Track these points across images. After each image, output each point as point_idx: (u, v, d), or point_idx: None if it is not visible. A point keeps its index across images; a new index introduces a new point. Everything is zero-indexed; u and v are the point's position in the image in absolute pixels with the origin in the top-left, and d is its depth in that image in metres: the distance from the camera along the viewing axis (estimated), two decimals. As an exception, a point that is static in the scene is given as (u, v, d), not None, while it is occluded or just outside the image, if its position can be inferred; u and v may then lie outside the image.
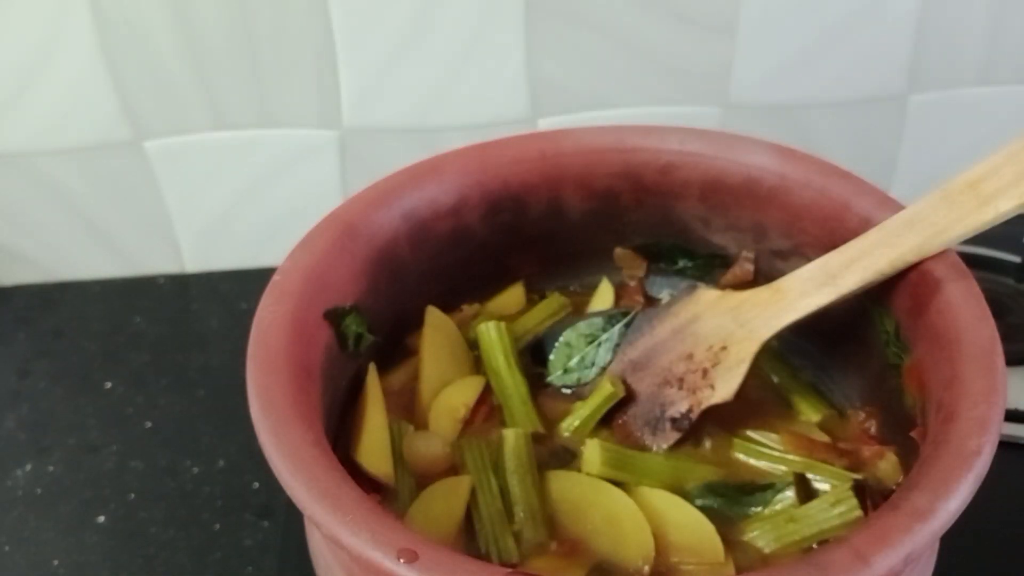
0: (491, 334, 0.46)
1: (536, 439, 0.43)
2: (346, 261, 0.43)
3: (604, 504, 0.40)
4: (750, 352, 0.42)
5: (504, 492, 0.41)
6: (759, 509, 0.41)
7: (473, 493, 0.41)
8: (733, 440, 0.43)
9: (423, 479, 0.41)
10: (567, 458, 0.43)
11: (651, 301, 0.50)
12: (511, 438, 0.42)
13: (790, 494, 0.40)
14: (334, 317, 0.41)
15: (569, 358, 0.47)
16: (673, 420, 0.43)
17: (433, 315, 0.47)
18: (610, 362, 0.46)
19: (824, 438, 0.43)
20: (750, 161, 0.46)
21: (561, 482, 0.41)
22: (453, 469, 0.42)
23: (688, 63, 0.65)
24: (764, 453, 0.43)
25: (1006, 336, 0.37)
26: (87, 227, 0.69)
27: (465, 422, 0.44)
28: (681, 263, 0.50)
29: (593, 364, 0.46)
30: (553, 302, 0.49)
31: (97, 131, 0.64)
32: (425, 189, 0.45)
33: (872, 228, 0.41)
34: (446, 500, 0.40)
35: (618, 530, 0.39)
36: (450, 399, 0.45)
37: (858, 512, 0.38)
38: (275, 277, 0.41)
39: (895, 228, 0.40)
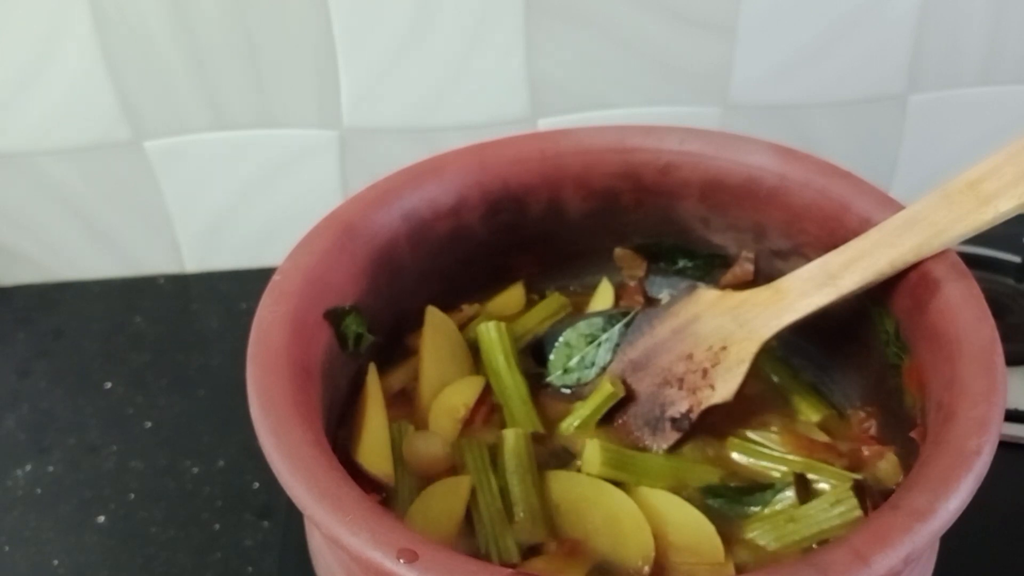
0: (491, 334, 0.46)
1: (536, 439, 0.43)
2: (346, 261, 0.43)
3: (604, 504, 0.40)
4: (750, 352, 0.42)
5: (504, 492, 0.41)
6: (759, 509, 0.41)
7: (473, 493, 0.41)
8: (733, 440, 0.43)
9: (423, 479, 0.41)
10: (567, 458, 0.43)
11: (651, 301, 0.50)
12: (511, 438, 0.42)
13: (790, 494, 0.40)
14: (334, 317, 0.41)
15: (569, 358, 0.47)
16: (673, 420, 0.43)
17: (433, 315, 0.47)
18: (610, 362, 0.46)
19: (824, 438, 0.43)
20: (750, 161, 0.46)
21: (561, 482, 0.41)
22: (453, 469, 0.42)
23: (688, 63, 0.65)
24: (764, 453, 0.43)
25: (1006, 336, 0.37)
26: (87, 227, 0.69)
27: (465, 422, 0.44)
28: (681, 263, 0.50)
29: (593, 364, 0.46)
30: (553, 302, 0.49)
31: (97, 131, 0.64)
32: (425, 189, 0.45)
33: (872, 228, 0.41)
34: (446, 500, 0.40)
35: (618, 530, 0.39)
36: (450, 399, 0.44)
37: (858, 512, 0.38)
38: (275, 277, 0.41)
39: (895, 228, 0.40)
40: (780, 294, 0.42)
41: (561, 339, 0.47)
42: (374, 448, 0.42)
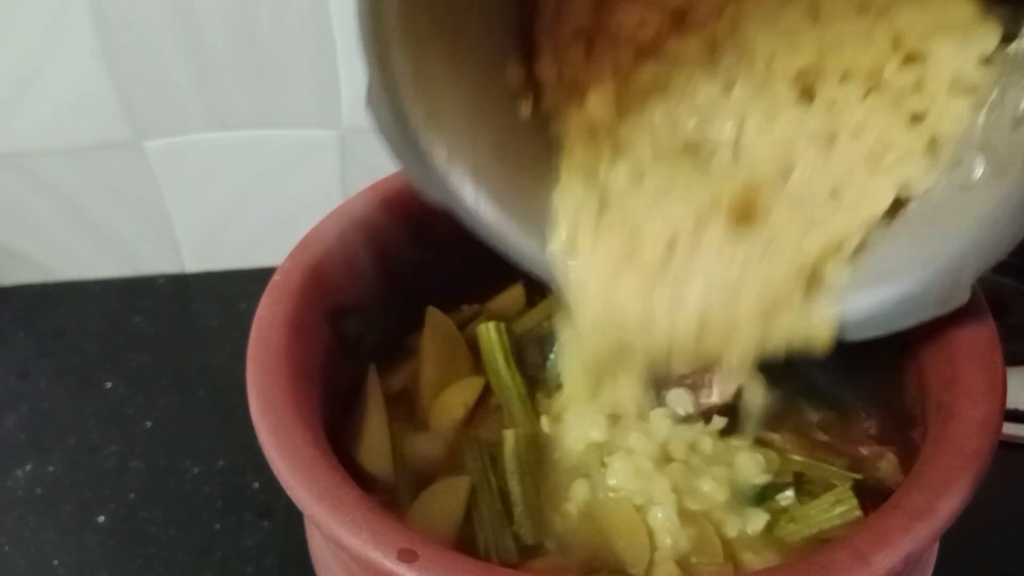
0: (491, 334, 0.46)
1: (536, 439, 0.43)
2: (346, 261, 0.43)
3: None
4: (750, 352, 0.42)
5: (504, 492, 0.41)
6: (759, 509, 0.41)
7: (473, 493, 0.41)
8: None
9: (423, 479, 0.41)
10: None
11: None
12: (511, 438, 0.42)
13: (790, 494, 0.40)
14: (334, 317, 0.41)
15: (569, 358, 0.47)
16: (673, 420, 0.43)
17: (433, 315, 0.47)
18: (610, 362, 0.46)
19: (824, 438, 0.43)
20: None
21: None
22: (453, 469, 0.42)
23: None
24: (764, 453, 0.43)
25: (1006, 336, 0.37)
26: (87, 227, 0.69)
27: (465, 422, 0.44)
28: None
29: (593, 364, 0.46)
30: (553, 302, 0.49)
31: (97, 131, 0.64)
32: (425, 189, 0.45)
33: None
34: (446, 500, 0.40)
35: (617, 530, 0.39)
36: (450, 399, 0.44)
37: (858, 512, 0.38)
38: (275, 277, 0.41)
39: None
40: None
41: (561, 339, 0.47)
42: (374, 448, 0.42)
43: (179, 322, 0.69)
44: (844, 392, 0.46)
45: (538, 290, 0.50)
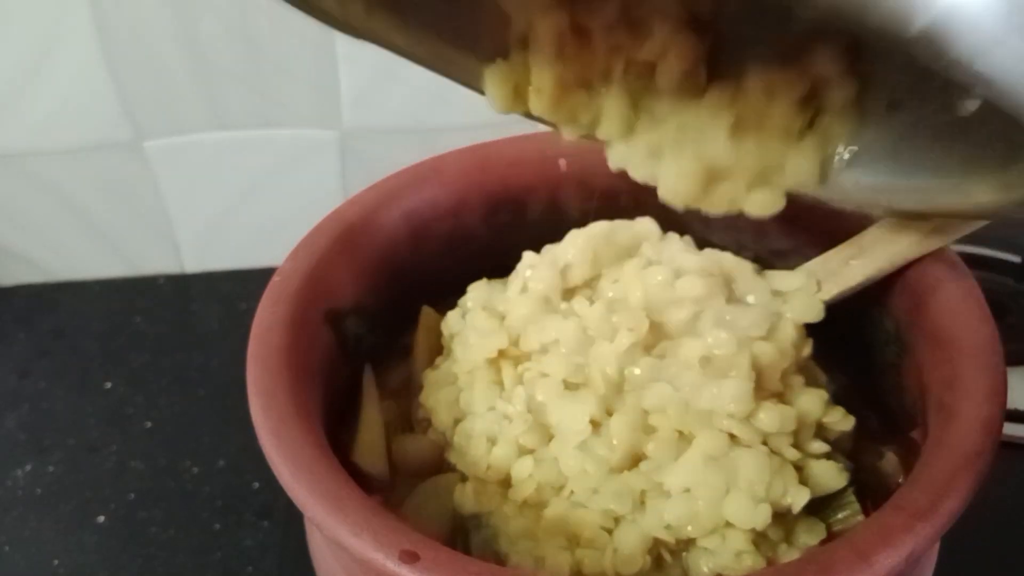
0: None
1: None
2: (346, 261, 0.43)
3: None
4: (751, 352, 0.42)
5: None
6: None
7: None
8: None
9: (416, 479, 0.41)
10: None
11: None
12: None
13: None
14: (334, 317, 0.41)
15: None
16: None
17: (427, 316, 0.47)
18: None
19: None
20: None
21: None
22: (444, 468, 0.42)
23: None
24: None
25: (1006, 336, 0.37)
26: (87, 227, 0.69)
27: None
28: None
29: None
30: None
31: (97, 131, 0.64)
32: (425, 190, 0.45)
33: (872, 226, 0.41)
34: (437, 498, 0.40)
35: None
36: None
37: (860, 517, 0.38)
38: (275, 278, 0.41)
39: (894, 224, 0.40)
40: (781, 293, 0.42)
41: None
42: (369, 448, 0.41)
43: (179, 322, 0.69)
44: (845, 391, 0.46)
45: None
